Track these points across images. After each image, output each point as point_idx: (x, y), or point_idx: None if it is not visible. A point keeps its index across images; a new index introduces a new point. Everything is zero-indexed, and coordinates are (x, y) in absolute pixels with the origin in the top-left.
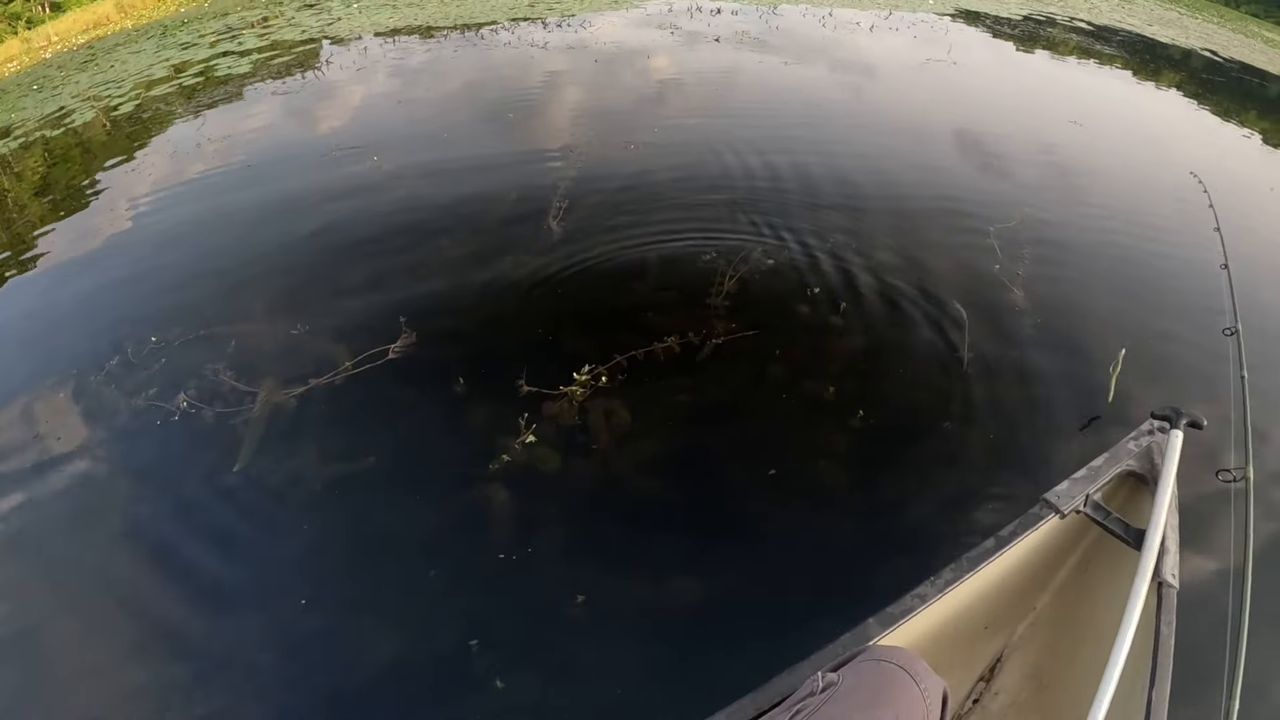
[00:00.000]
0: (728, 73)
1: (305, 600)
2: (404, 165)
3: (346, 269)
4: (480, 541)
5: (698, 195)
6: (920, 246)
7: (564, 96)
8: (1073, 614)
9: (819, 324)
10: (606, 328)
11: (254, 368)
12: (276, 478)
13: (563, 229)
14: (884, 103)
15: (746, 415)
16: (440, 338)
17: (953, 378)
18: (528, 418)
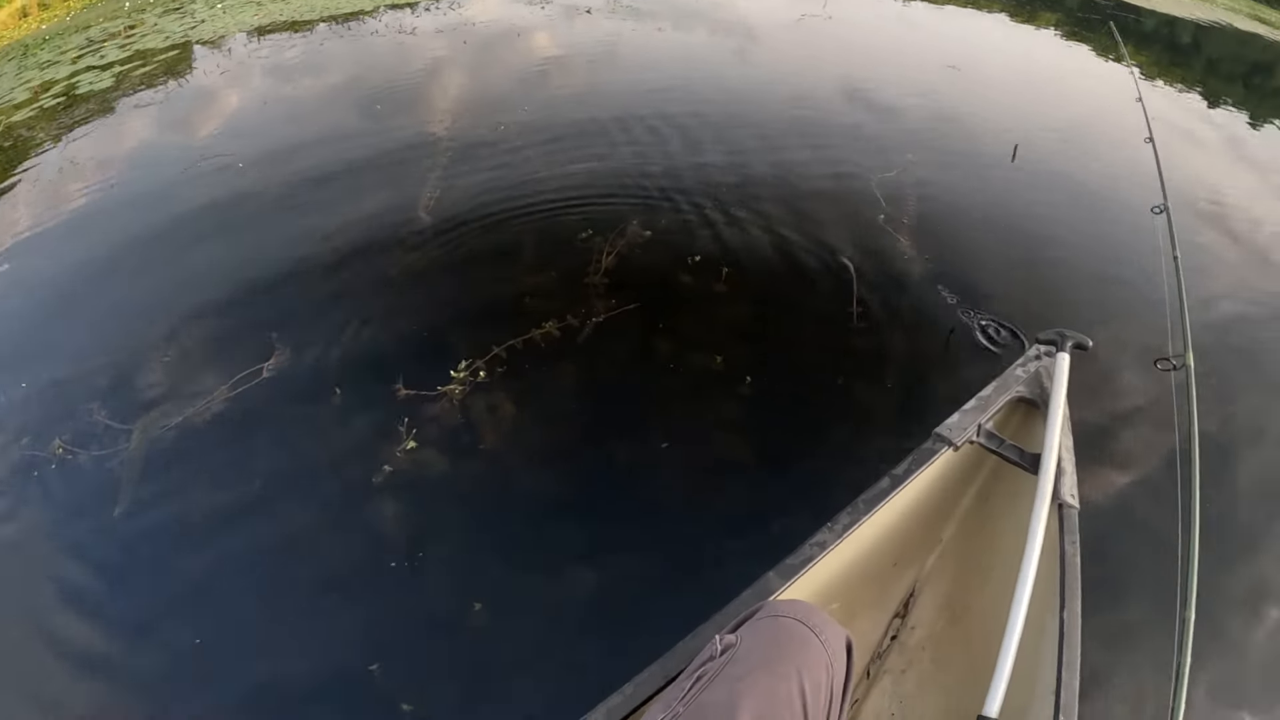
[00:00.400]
0: (601, 44)
1: (199, 640)
2: (271, 170)
3: (214, 288)
4: (372, 558)
5: (573, 171)
6: (803, 204)
7: (434, 83)
8: (978, 543)
9: (702, 292)
10: (484, 318)
11: (128, 403)
12: (159, 515)
13: (434, 220)
14: (760, 61)
15: (633, 393)
16: (314, 349)
17: (843, 332)
18: (408, 422)
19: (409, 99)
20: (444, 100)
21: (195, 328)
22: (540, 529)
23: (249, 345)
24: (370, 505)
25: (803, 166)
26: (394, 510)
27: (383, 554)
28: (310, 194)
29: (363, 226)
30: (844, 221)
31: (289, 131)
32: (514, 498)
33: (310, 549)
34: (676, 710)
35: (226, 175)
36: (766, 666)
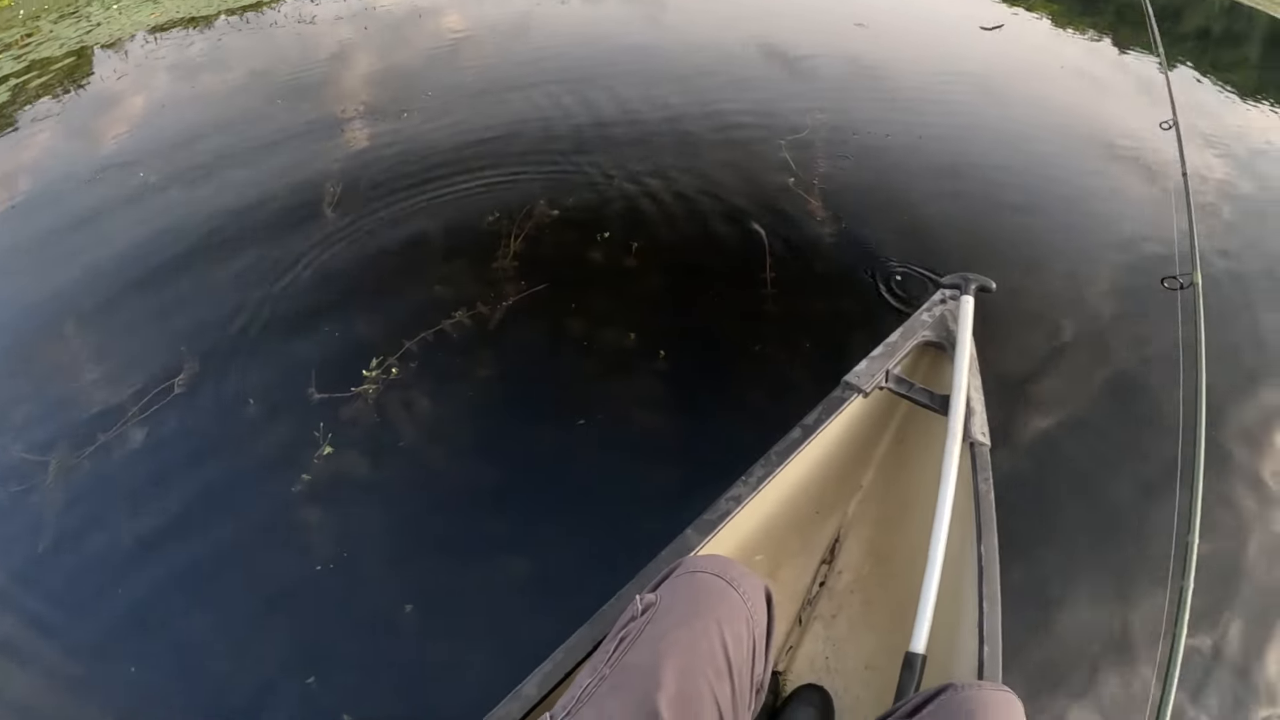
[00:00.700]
0: (508, 21)
1: (134, 668)
2: (169, 176)
3: (117, 305)
4: (299, 568)
5: (479, 153)
6: (712, 171)
7: (335, 73)
8: (897, 485)
9: (613, 269)
10: (393, 313)
11: (41, 434)
12: (84, 548)
13: (338, 215)
14: (670, 27)
15: (549, 377)
16: (224, 358)
17: (757, 298)
18: (324, 427)
19: (310, 91)
20: (346, 90)
21: (103, 348)
22: (466, 522)
23: (158, 361)
24: (292, 514)
25: (712, 133)
26: (317, 517)
27: (309, 563)
28: (213, 197)
29: (267, 228)
30: (754, 187)
31: (190, 133)
32: (437, 493)
33: (237, 565)
34: (603, 673)
35: (129, 184)
36: (686, 623)
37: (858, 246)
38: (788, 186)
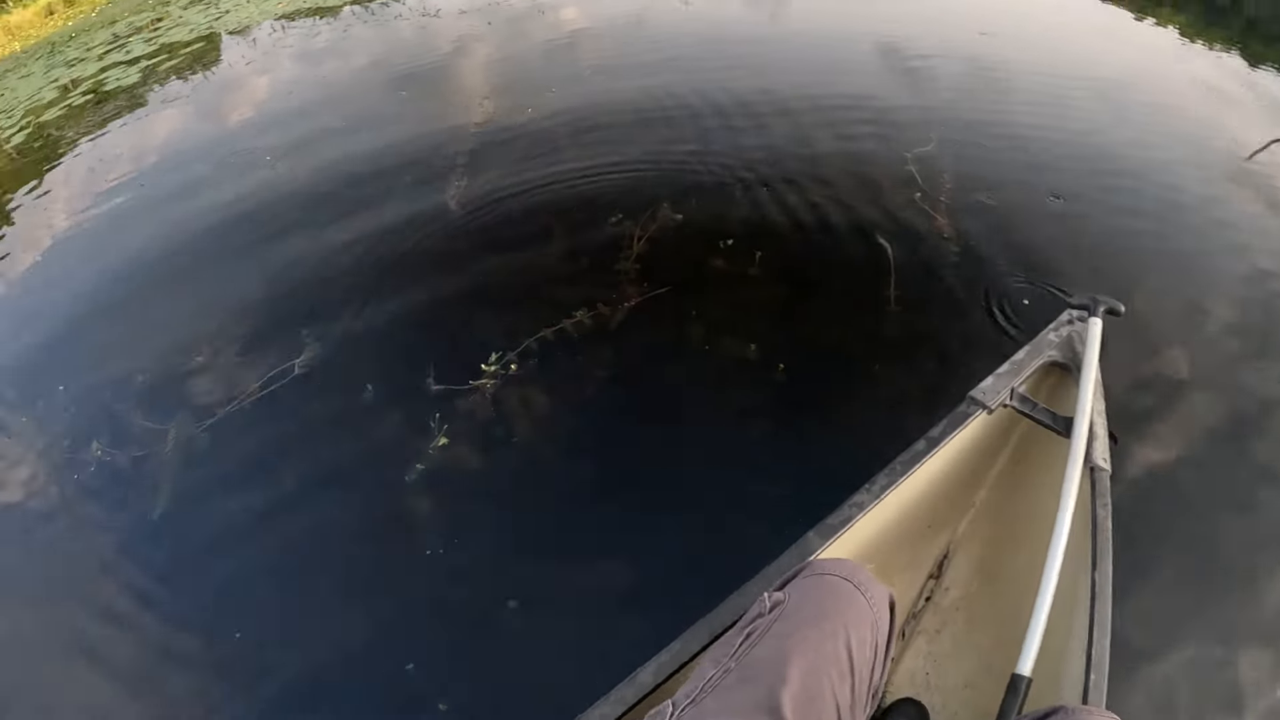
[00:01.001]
0: (628, 18)
1: (239, 633)
2: (298, 162)
3: (244, 283)
4: (407, 558)
5: (602, 153)
6: (837, 182)
7: (460, 66)
8: (1011, 505)
9: (735, 277)
10: (515, 309)
11: (163, 404)
12: (197, 515)
13: (462, 209)
14: (793, 31)
15: (666, 382)
16: (345, 344)
17: (880, 316)
18: (440, 418)
19: (435, 83)
20: (470, 84)
21: (226, 325)
22: (572, 522)
23: (280, 342)
24: (405, 503)
25: (834, 141)
26: (428, 507)
27: (418, 553)
28: (337, 185)
29: (391, 218)
30: (880, 199)
31: (316, 121)
32: (546, 491)
33: (346, 548)
34: (728, 665)
35: (254, 168)
36: (814, 623)
37: (984, 264)
38: (913, 201)
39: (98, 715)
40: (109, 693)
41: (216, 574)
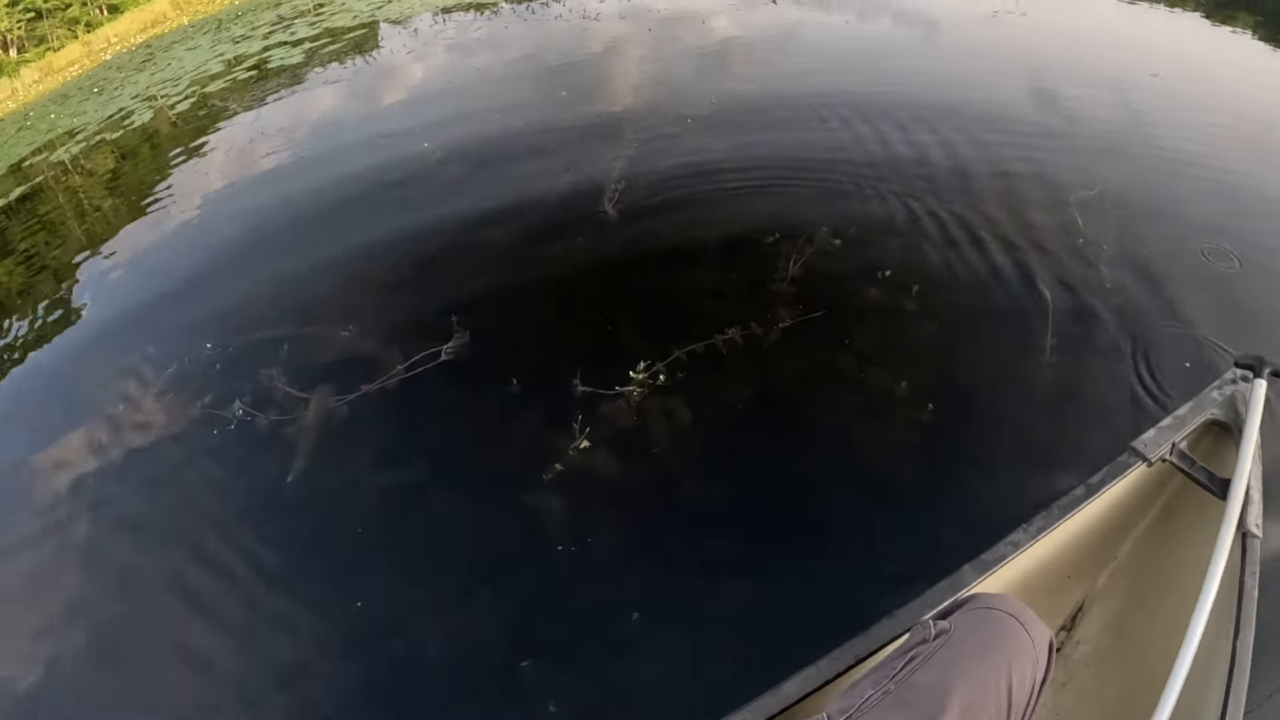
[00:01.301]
0: (787, 35)
1: (361, 602)
2: (454, 151)
3: (397, 265)
4: (534, 554)
5: (760, 171)
6: (999, 220)
7: (619, 69)
8: (1154, 563)
9: (890, 309)
10: (666, 318)
11: (307, 373)
12: (330, 486)
13: (618, 213)
14: (952, 60)
15: (812, 411)
16: (493, 335)
17: (1035, 366)
18: (583, 420)
19: (594, 85)
20: (629, 88)
21: (374, 302)
22: (700, 537)
23: (428, 325)
24: (539, 500)
25: (1000, 179)
26: (561, 507)
27: (545, 553)
28: (495, 178)
29: (547, 215)
30: (1041, 243)
31: (473, 112)
32: (679, 504)
33: (474, 536)
34: (888, 687)
35: (412, 153)
36: (979, 656)
37: (1146, 319)
38: (1076, 247)
39: (200, 660)
40: (212, 641)
41: (343, 544)
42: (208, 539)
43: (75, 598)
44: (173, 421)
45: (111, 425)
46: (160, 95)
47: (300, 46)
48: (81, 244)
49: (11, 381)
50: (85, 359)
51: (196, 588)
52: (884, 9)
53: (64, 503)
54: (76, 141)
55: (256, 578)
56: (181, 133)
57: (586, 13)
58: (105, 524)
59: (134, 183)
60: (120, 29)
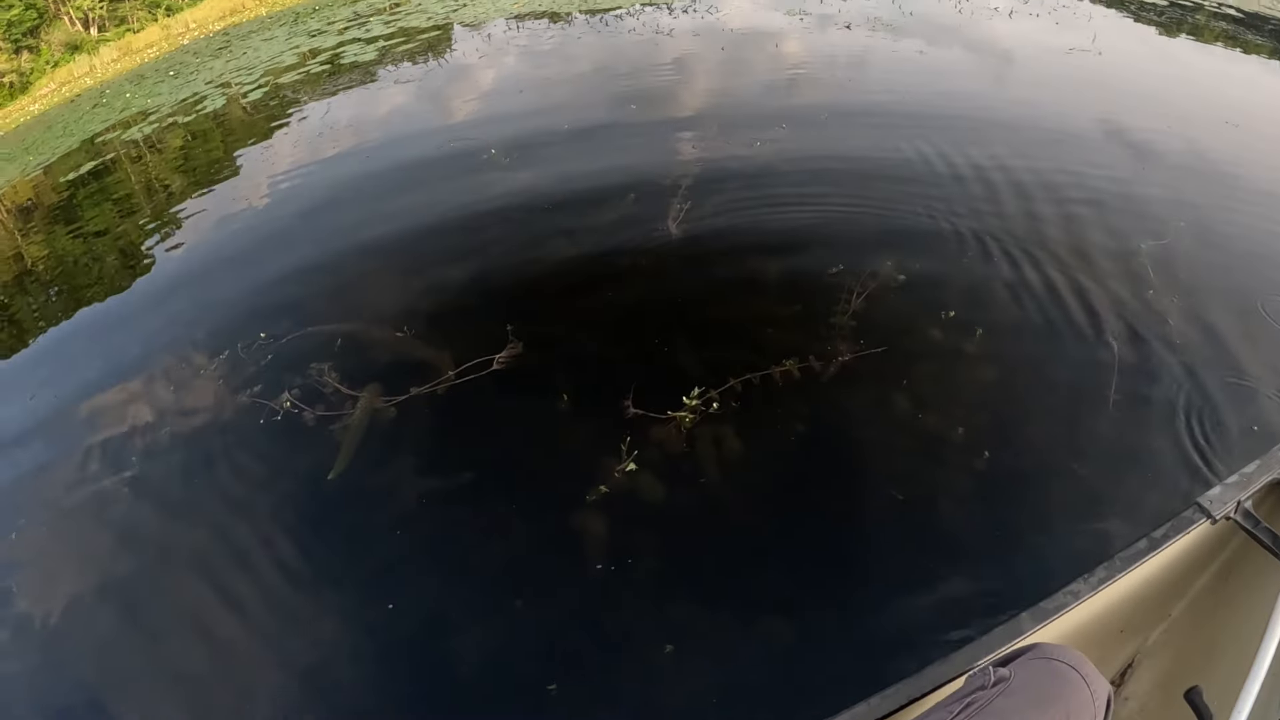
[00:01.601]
0: (859, 61)
1: (391, 605)
2: (521, 159)
3: (456, 269)
4: (571, 575)
5: (826, 202)
6: (1065, 265)
7: (689, 87)
8: (1209, 623)
9: (952, 350)
10: (723, 344)
11: (357, 370)
12: (370, 488)
13: (682, 233)
14: (1025, 96)
15: (866, 450)
16: (547, 348)
17: (1097, 418)
18: (630, 442)
19: (664, 101)
20: (699, 106)
21: (432, 305)
22: (741, 572)
23: (483, 332)
24: (580, 520)
25: (1067, 222)
26: (602, 530)
27: (583, 572)
28: (559, 189)
29: (609, 230)
30: (1110, 291)
31: (542, 121)
32: (726, 540)
33: (511, 552)
34: None
35: (478, 159)
36: (1038, 706)
37: (1216, 377)
38: (1145, 298)
39: (216, 644)
40: (238, 627)
41: (378, 546)
42: (242, 528)
43: (100, 562)
44: (220, 407)
45: (157, 405)
46: (234, 83)
47: (374, 44)
48: (147, 220)
49: (66, 345)
50: (139, 333)
51: (220, 572)
52: (957, 39)
53: (98, 475)
54: (149, 122)
55: (283, 571)
56: (252, 121)
57: (660, 28)
58: (140, 500)
59: (202, 165)
60: (199, 15)
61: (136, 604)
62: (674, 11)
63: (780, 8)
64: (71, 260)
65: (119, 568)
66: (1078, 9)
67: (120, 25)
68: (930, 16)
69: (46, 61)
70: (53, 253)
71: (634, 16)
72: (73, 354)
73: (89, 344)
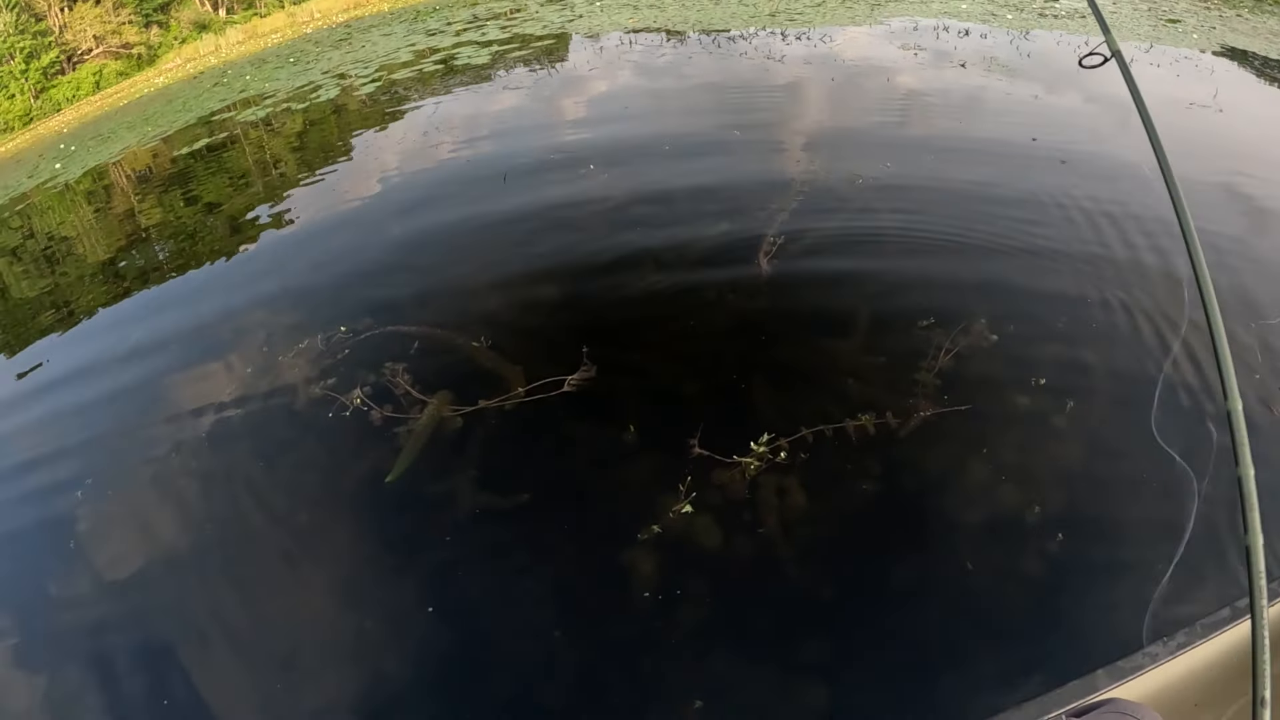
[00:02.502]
0: (972, 103)
1: (433, 608)
2: (618, 178)
3: (541, 283)
4: (614, 612)
5: (923, 247)
6: (1173, 340)
7: (794, 116)
8: None
9: (1039, 420)
10: (799, 389)
11: (431, 375)
12: (427, 495)
13: (772, 269)
14: (1142, 150)
15: (934, 518)
16: (620, 374)
17: (1182, 516)
18: (691, 482)
19: (768, 130)
20: (803, 138)
21: (512, 317)
22: (791, 635)
23: (558, 352)
24: (628, 556)
25: (1180, 287)
26: (650, 569)
27: (627, 611)
28: (652, 212)
29: (698, 257)
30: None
31: (643, 140)
32: (775, 594)
33: (556, 580)
34: None
35: (577, 174)
36: None
37: None
38: (1262, 392)
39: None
40: (258, 626)
41: (427, 551)
42: (296, 520)
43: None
44: (293, 396)
45: (232, 385)
46: (350, 74)
47: (488, 49)
48: (251, 198)
49: (158, 310)
50: (226, 310)
51: (261, 559)
52: (1073, 85)
53: (174, 448)
54: (264, 105)
55: (326, 564)
56: (363, 113)
57: (771, 53)
58: (194, 479)
59: (310, 153)
60: (325, 5)
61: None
62: (788, 38)
63: (894, 41)
64: (175, 228)
65: (165, 533)
66: (1200, 61)
67: (249, 9)
68: (1048, 61)
69: (175, 38)
70: (162, 220)
71: (747, 40)
72: (161, 321)
73: (180, 312)
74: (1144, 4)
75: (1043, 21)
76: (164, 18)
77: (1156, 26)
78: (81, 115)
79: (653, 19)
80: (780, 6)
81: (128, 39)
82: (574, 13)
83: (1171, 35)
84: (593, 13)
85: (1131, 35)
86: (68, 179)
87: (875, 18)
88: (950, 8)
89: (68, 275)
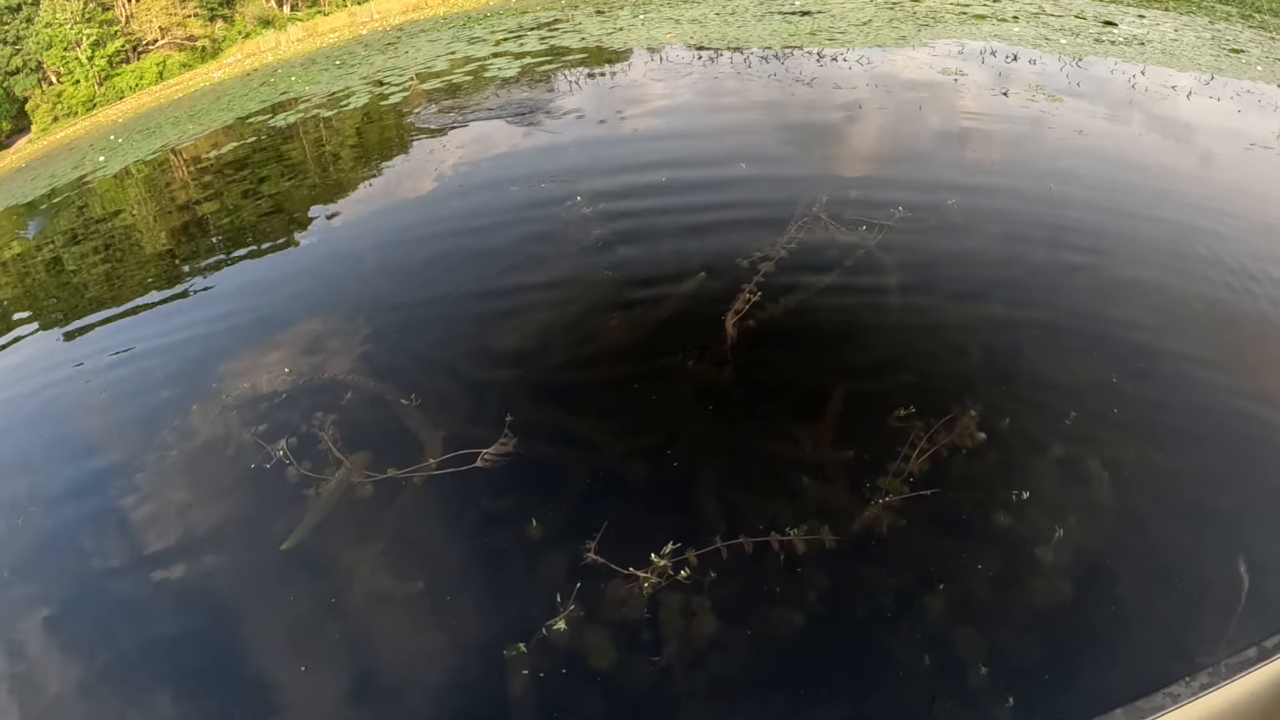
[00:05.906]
0: (1013, 136)
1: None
2: (603, 213)
3: (490, 331)
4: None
5: (922, 318)
6: (1202, 444)
7: (807, 147)
8: None
9: (1019, 550)
10: (731, 491)
11: (354, 432)
12: (314, 568)
13: (737, 332)
14: (1197, 194)
15: (867, 668)
16: (539, 447)
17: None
18: (575, 594)
19: (775, 163)
20: (809, 173)
21: (449, 371)
22: None
23: (484, 415)
24: (514, 666)
25: (1197, 390)
26: (529, 686)
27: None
28: (629, 252)
29: (666, 314)
30: (1261, 488)
31: (639, 170)
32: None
33: (433, 681)
34: None
35: (556, 209)
36: None
37: None
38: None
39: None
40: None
41: (310, 629)
42: (174, 567)
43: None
44: (223, 442)
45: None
46: (383, 81)
47: (521, 60)
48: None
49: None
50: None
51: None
52: (1129, 121)
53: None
54: (296, 110)
55: (196, 618)
56: (379, 128)
57: (801, 75)
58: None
59: (316, 175)
60: (385, 7)
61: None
62: (823, 60)
63: (935, 66)
64: (170, 243)
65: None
66: (1263, 94)
67: (312, 5)
68: (1101, 90)
69: (239, 32)
70: (158, 230)
71: (780, 60)
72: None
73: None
74: (1206, 32)
75: (1098, 48)
76: (229, 11)
77: (1219, 56)
78: (139, 105)
79: (689, 35)
80: (821, 25)
81: (192, 31)
82: (615, 25)
83: (1233, 66)
84: (634, 26)
85: (1191, 65)
86: (105, 173)
87: (920, 40)
88: (1001, 30)
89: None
